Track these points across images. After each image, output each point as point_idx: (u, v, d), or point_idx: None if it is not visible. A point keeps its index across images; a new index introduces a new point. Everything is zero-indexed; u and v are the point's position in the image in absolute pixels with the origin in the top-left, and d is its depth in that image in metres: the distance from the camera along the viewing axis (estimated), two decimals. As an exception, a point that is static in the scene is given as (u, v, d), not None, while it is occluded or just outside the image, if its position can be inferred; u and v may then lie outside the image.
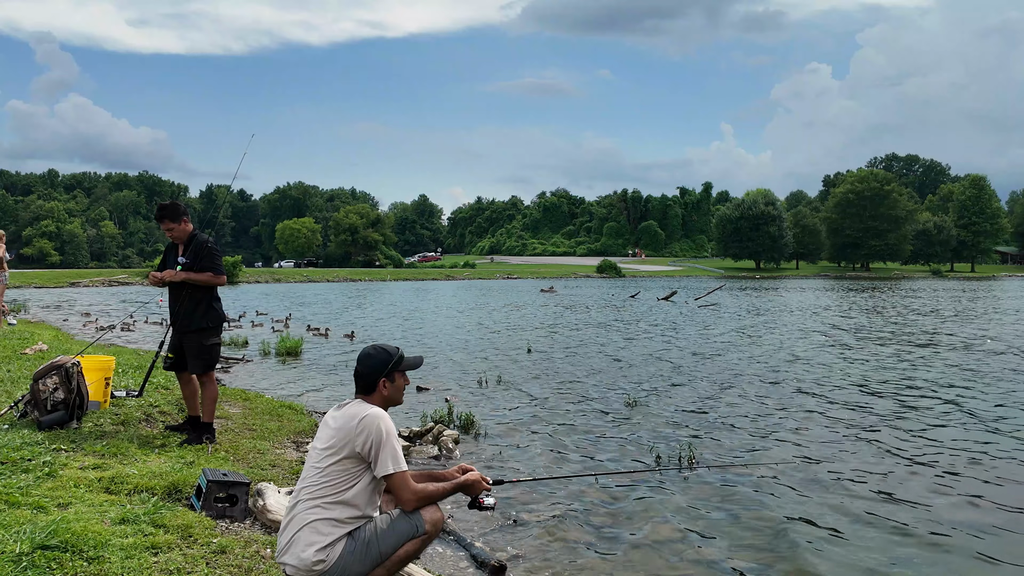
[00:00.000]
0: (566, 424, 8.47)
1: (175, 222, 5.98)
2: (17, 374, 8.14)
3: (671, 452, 7.06)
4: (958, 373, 12.26)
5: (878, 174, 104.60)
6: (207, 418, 6.06)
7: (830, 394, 10.37)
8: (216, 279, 5.97)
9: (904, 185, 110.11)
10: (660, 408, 9.36)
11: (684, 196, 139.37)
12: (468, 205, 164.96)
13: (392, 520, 3.39)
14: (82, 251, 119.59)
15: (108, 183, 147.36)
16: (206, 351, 5.95)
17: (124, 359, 10.08)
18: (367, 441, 3.30)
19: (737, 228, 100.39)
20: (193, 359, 5.96)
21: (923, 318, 24.56)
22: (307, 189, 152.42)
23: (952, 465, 6.80)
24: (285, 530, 3.34)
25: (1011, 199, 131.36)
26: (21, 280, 45.37)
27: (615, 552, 4.85)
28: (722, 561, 4.70)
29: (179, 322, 5.96)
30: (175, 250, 6.09)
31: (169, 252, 6.17)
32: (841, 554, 4.81)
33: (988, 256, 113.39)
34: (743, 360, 13.89)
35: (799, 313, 27.08)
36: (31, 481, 4.52)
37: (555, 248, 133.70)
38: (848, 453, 7.23)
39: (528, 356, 14.38)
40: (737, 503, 5.78)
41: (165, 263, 6.12)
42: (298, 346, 14.32)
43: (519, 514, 5.45)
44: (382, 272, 78.75)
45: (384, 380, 3.52)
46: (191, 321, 5.94)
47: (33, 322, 18.42)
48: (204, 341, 5.95)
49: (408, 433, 7.36)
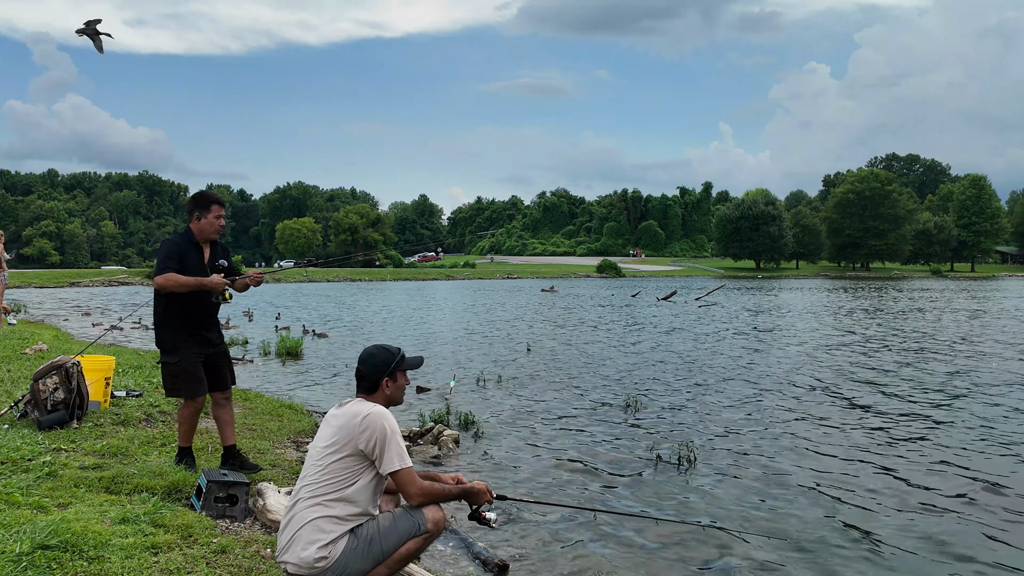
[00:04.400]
0: (566, 424, 8.47)
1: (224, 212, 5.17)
2: (17, 374, 8.14)
3: (671, 452, 7.05)
4: (958, 373, 12.25)
5: (878, 174, 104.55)
6: (233, 439, 5.39)
7: (830, 394, 10.36)
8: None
9: (904, 185, 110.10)
10: (660, 408, 9.35)
11: (684, 196, 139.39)
12: (468, 205, 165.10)
13: (394, 518, 3.39)
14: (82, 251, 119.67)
15: (108, 183, 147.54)
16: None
17: (124, 359, 10.07)
18: (371, 439, 3.30)
19: (737, 228, 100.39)
20: (230, 372, 5.28)
21: (923, 318, 24.55)
22: (307, 189, 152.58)
23: (952, 466, 6.79)
24: (285, 529, 3.33)
25: (1011, 199, 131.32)
26: (21, 280, 45.38)
27: (617, 551, 4.84)
28: (722, 561, 4.69)
29: (215, 336, 5.18)
30: (197, 250, 5.02)
31: (192, 250, 5.01)
32: (841, 554, 4.80)
33: (988, 256, 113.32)
34: (743, 360, 13.88)
35: (798, 313, 27.08)
36: (31, 481, 4.52)
37: (555, 248, 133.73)
38: (848, 453, 7.22)
39: (528, 356, 14.37)
40: (737, 503, 5.77)
41: (191, 265, 4.94)
42: (298, 346, 14.35)
43: (521, 513, 5.44)
44: (382, 272, 78.77)
45: (386, 380, 3.54)
46: (221, 335, 5.32)
47: (33, 322, 18.42)
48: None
49: (408, 433, 7.36)
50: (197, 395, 4.99)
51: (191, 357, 4.95)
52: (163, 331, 4.98)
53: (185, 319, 4.96)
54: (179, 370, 4.93)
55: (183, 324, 4.96)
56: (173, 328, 4.95)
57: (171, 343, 4.94)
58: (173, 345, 4.94)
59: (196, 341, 5.00)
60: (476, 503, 3.62)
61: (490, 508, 3.66)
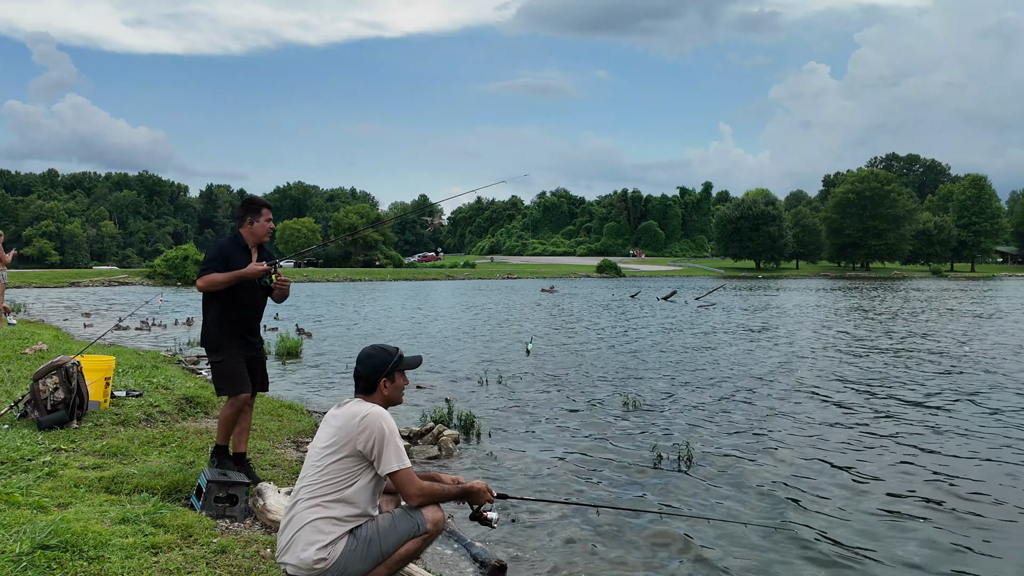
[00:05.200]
0: (566, 423, 8.47)
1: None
2: (17, 374, 8.14)
3: (671, 451, 7.05)
4: (959, 374, 12.25)
5: (878, 174, 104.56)
6: (244, 446, 5.32)
7: (829, 394, 10.36)
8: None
9: (904, 185, 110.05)
10: (659, 407, 9.35)
11: (684, 196, 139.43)
12: (468, 205, 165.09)
13: (394, 519, 3.38)
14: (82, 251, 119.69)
15: (108, 183, 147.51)
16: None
17: (124, 359, 10.07)
18: (369, 439, 3.30)
19: (737, 228, 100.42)
20: (263, 378, 5.34)
21: (922, 319, 24.55)
22: (307, 189, 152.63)
23: (954, 467, 6.80)
24: (285, 530, 3.33)
25: (1011, 199, 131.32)
26: (21, 280, 45.37)
27: (616, 551, 4.84)
28: (723, 561, 4.69)
29: (256, 340, 5.25)
30: (246, 253, 5.05)
31: (241, 253, 5.03)
32: (841, 555, 4.81)
33: (988, 256, 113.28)
34: (742, 360, 13.89)
35: (798, 314, 27.08)
36: (31, 481, 4.52)
37: (555, 248, 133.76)
38: (848, 452, 7.23)
39: (528, 356, 14.37)
40: (738, 503, 5.77)
41: (238, 267, 4.94)
42: (298, 346, 14.37)
43: (519, 513, 5.45)
44: (382, 272, 78.76)
45: (385, 380, 3.53)
46: (261, 339, 5.37)
47: (33, 322, 18.41)
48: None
49: (408, 433, 7.36)
50: (241, 393, 5.05)
51: (236, 356, 5.05)
52: (209, 331, 5.07)
53: (231, 319, 5.05)
54: (228, 369, 5.02)
55: (229, 324, 5.05)
56: (220, 328, 5.04)
57: (216, 342, 5.04)
58: (218, 344, 5.03)
59: (241, 342, 5.09)
60: (476, 503, 3.61)
61: (491, 508, 3.64)
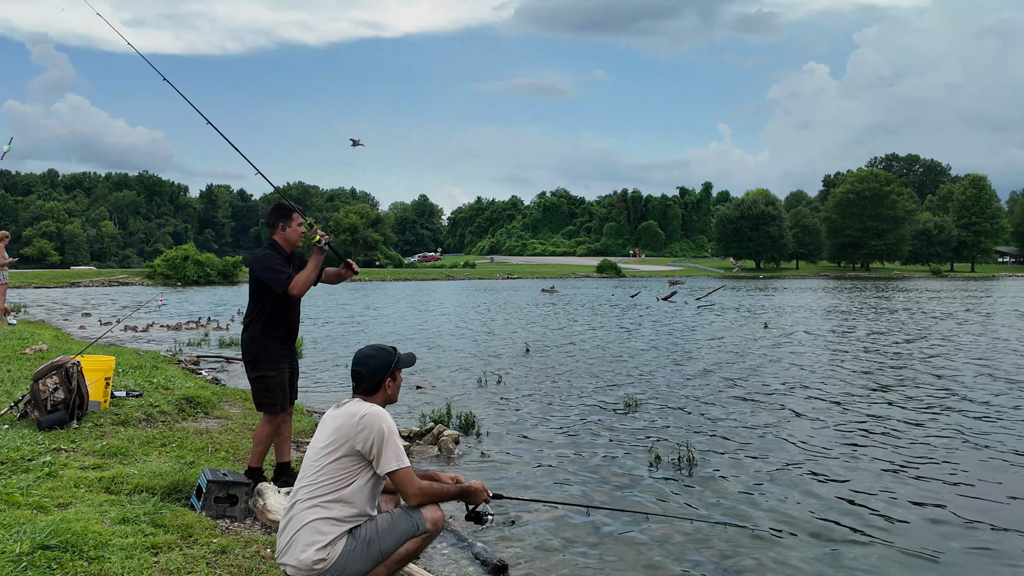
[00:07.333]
0: (566, 424, 8.47)
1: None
2: (17, 374, 8.14)
3: (670, 452, 7.05)
4: (959, 374, 12.26)
5: (878, 174, 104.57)
6: (288, 455, 5.21)
7: (829, 395, 10.36)
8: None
9: (904, 185, 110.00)
10: (659, 408, 9.35)
11: (684, 196, 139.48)
12: (468, 205, 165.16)
13: (393, 519, 3.39)
14: (82, 251, 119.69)
15: (108, 183, 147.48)
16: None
17: (124, 359, 10.07)
18: (368, 439, 3.31)
19: (737, 228, 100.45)
20: (295, 389, 5.18)
21: (922, 319, 24.56)
22: (307, 189, 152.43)
23: (954, 467, 6.80)
24: (284, 531, 3.34)
25: (1011, 199, 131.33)
26: (21, 280, 45.37)
27: (616, 551, 4.84)
28: (723, 561, 4.70)
29: (293, 352, 5.14)
30: (288, 261, 4.94)
31: (287, 264, 4.92)
32: (840, 555, 4.81)
33: (988, 256, 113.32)
34: (742, 360, 13.88)
35: (798, 314, 27.08)
36: (31, 481, 4.52)
37: (555, 248, 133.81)
38: (847, 452, 7.22)
39: (527, 356, 14.38)
40: (737, 504, 5.77)
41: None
42: (298, 346, 14.32)
43: (521, 513, 5.45)
44: (382, 272, 78.77)
45: (388, 380, 3.56)
46: (295, 350, 5.23)
47: (33, 322, 18.41)
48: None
49: (408, 433, 7.36)
50: (284, 410, 4.94)
51: (284, 371, 4.93)
52: (262, 345, 4.88)
53: (279, 336, 4.92)
54: (276, 384, 4.88)
55: (277, 340, 4.92)
56: (271, 342, 4.89)
57: (267, 356, 4.88)
58: (268, 358, 4.88)
59: (287, 355, 5.00)
60: (473, 502, 3.63)
61: (487, 507, 3.66)
